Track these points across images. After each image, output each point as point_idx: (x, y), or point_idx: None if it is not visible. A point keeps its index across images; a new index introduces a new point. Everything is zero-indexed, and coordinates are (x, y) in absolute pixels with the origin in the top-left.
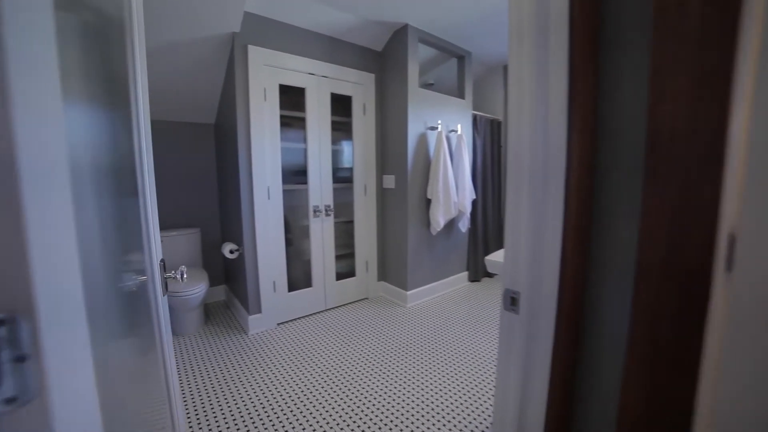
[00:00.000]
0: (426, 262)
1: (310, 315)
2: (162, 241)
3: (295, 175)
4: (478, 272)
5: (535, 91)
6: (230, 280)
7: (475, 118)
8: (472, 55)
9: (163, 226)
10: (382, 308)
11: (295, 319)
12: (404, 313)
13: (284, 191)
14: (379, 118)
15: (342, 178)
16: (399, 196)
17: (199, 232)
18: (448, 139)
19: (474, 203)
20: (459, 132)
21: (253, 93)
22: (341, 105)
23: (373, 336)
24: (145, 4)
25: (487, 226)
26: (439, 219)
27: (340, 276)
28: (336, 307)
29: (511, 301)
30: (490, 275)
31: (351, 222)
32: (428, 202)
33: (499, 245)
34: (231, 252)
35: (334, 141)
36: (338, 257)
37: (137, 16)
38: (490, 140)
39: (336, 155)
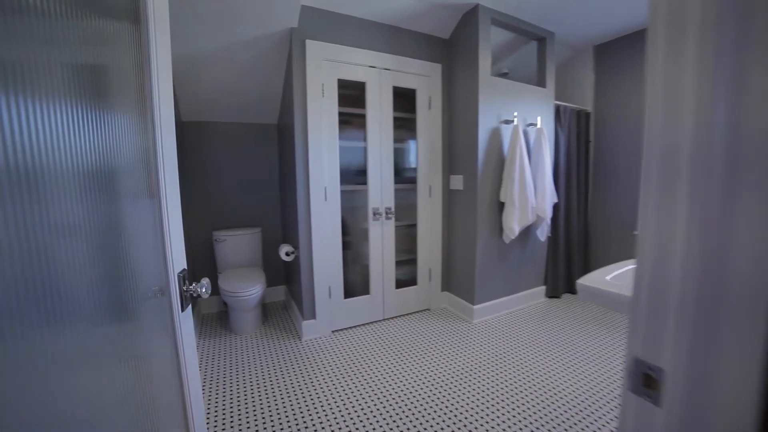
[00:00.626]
0: (497, 273)
1: (367, 324)
2: (225, 240)
3: (354, 176)
4: (557, 287)
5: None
6: (289, 281)
7: (558, 109)
8: (555, 37)
9: (227, 226)
10: (445, 322)
11: (350, 328)
12: (469, 330)
13: (342, 192)
14: (446, 113)
15: (404, 179)
16: (467, 199)
17: (260, 232)
18: (525, 133)
19: (555, 207)
20: (539, 125)
21: (311, 89)
22: (404, 100)
23: (433, 352)
24: (200, 6)
25: (570, 234)
26: (513, 225)
27: (400, 284)
28: (395, 317)
29: (645, 381)
30: (572, 291)
31: (413, 226)
32: (501, 206)
33: (585, 256)
34: (287, 254)
35: (396, 138)
36: (399, 263)
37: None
38: (576, 134)
39: (398, 154)
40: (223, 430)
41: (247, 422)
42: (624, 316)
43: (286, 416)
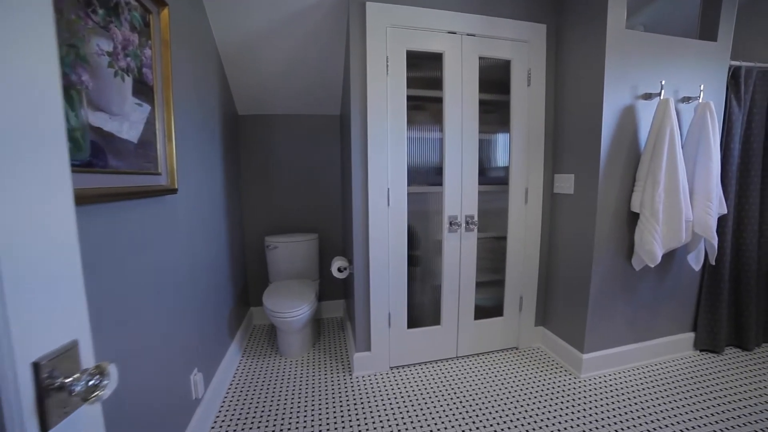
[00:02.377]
0: (620, 311)
1: (434, 362)
2: (276, 248)
3: (427, 175)
4: (717, 338)
5: None
6: (348, 295)
7: (734, 73)
8: None
9: (281, 230)
10: (539, 370)
11: (413, 365)
12: (575, 388)
13: (410, 195)
14: (551, 90)
15: (492, 179)
16: (581, 206)
17: (317, 239)
18: (677, 113)
19: (720, 221)
20: (701, 99)
21: (373, 65)
22: (493, 76)
23: (520, 413)
24: None
25: (742, 262)
26: (654, 248)
27: (480, 313)
28: (471, 355)
29: None
30: (743, 347)
31: (502, 239)
32: (633, 217)
33: (764, 295)
34: (339, 270)
35: (483, 127)
36: (480, 285)
37: None
38: (765, 110)
39: (484, 147)
40: None
41: None
42: None
43: None
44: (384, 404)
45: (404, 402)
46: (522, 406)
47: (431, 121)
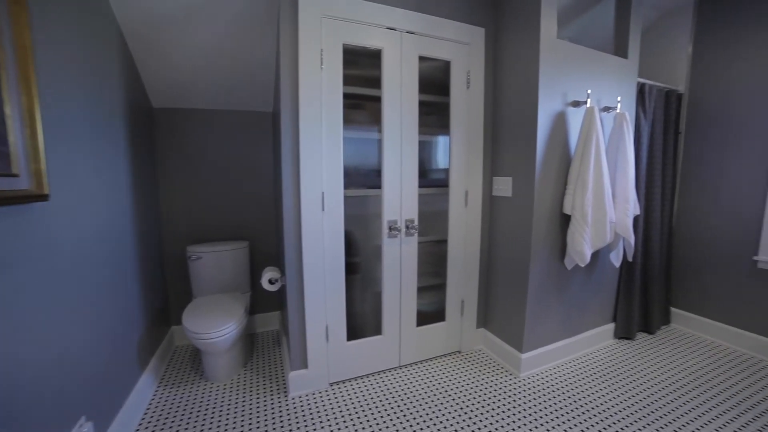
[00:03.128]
0: (554, 309)
1: (377, 374)
2: (200, 258)
3: (366, 177)
4: (631, 326)
5: None
6: (284, 306)
7: (641, 89)
8: None
9: (204, 239)
10: (481, 373)
11: (355, 379)
12: (516, 388)
13: (347, 199)
14: (489, 93)
15: (432, 182)
16: (519, 209)
17: (247, 247)
18: (601, 121)
19: (633, 222)
20: (618, 110)
21: (305, 56)
22: (434, 78)
23: (463, 420)
24: None
25: (649, 256)
26: (584, 249)
27: (422, 319)
28: (415, 363)
29: None
30: (649, 331)
31: (443, 242)
32: (564, 219)
33: (666, 286)
34: (271, 282)
35: (423, 129)
36: (422, 290)
37: None
38: (663, 122)
39: (424, 149)
40: None
41: None
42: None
43: None
44: (323, 425)
45: (345, 421)
46: (465, 412)
47: (370, 121)
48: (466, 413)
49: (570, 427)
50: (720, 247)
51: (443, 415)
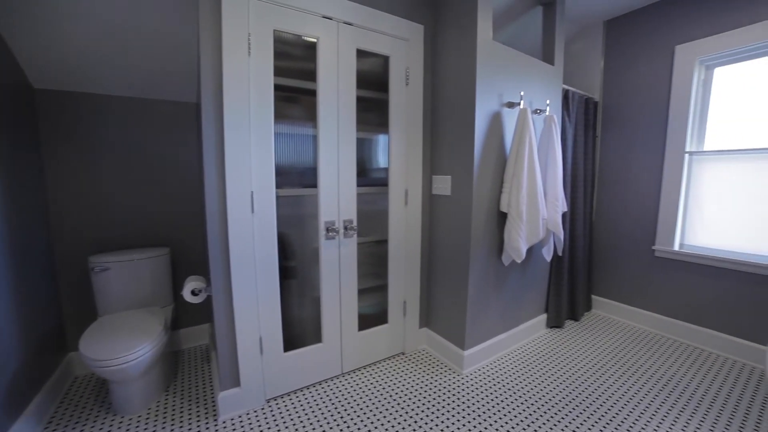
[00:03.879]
0: (493, 305)
1: (318, 384)
2: (107, 269)
3: (301, 176)
4: (560, 315)
5: None
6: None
7: (566, 95)
8: (566, 4)
9: (112, 246)
10: (425, 373)
11: (294, 392)
12: (459, 385)
13: (281, 199)
14: (428, 91)
15: (372, 181)
16: (458, 207)
17: (168, 254)
18: (533, 122)
19: (563, 218)
20: (548, 113)
21: (230, 41)
22: (373, 73)
23: (407, 423)
24: None
25: (574, 250)
26: (520, 245)
27: (364, 322)
28: (358, 369)
29: None
30: (575, 318)
31: (384, 242)
32: (501, 217)
33: (588, 277)
34: (194, 293)
35: (361, 126)
36: (363, 292)
37: None
38: (584, 126)
39: (363, 147)
40: None
41: None
42: (638, 335)
43: None
44: None
45: None
46: (410, 415)
47: (305, 116)
48: (410, 416)
49: (511, 419)
50: (628, 238)
51: (387, 420)
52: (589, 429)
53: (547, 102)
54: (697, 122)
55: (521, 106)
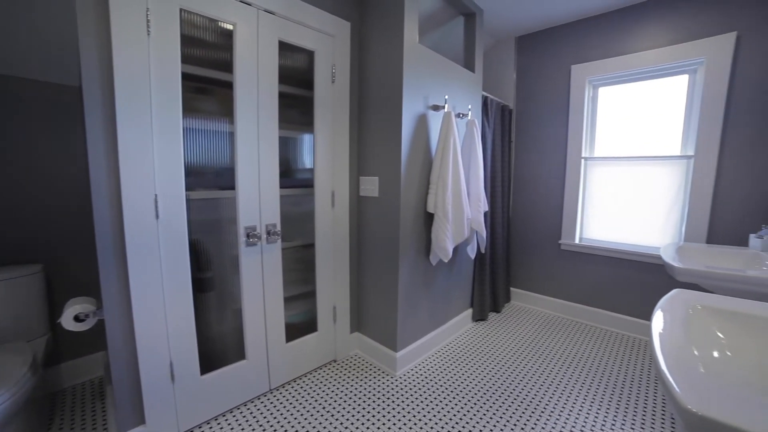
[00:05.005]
0: (423, 305)
1: (243, 405)
2: None
3: (216, 176)
4: (484, 309)
5: None
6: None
7: (485, 102)
8: (484, 16)
9: None
10: (358, 379)
11: (216, 418)
12: (393, 387)
13: (192, 202)
14: (355, 90)
15: (297, 182)
16: (386, 209)
17: (41, 272)
18: (456, 126)
19: (484, 217)
20: (470, 117)
21: (122, 16)
22: (297, 69)
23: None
24: None
25: (495, 246)
26: (446, 245)
27: (292, 332)
28: (287, 383)
29: None
30: (497, 310)
31: (310, 246)
32: (428, 217)
33: (507, 271)
34: (78, 319)
35: (286, 124)
36: (290, 300)
37: None
38: (501, 131)
39: (287, 146)
40: None
41: None
42: (558, 321)
43: None
44: None
45: None
46: (345, 426)
47: (221, 111)
48: (345, 426)
49: (445, 414)
50: (540, 234)
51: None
52: (515, 411)
53: (469, 107)
54: (589, 132)
55: (446, 110)
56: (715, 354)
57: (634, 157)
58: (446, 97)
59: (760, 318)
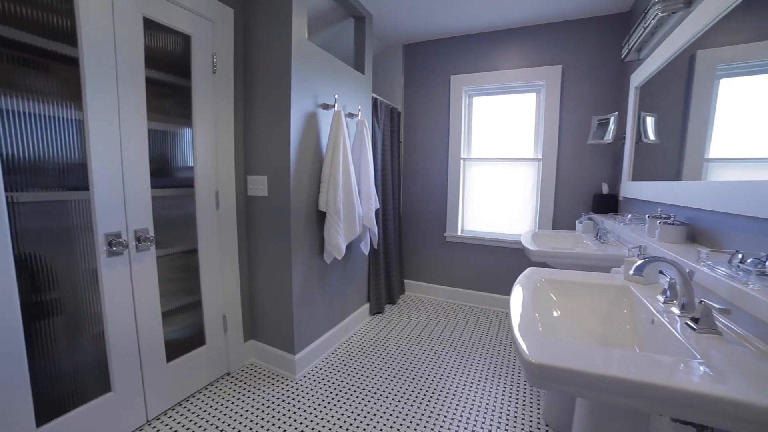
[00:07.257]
0: (319, 303)
1: None
2: None
3: (59, 174)
4: (380, 302)
5: None
6: None
7: (375, 103)
8: (374, 21)
9: None
10: (256, 389)
11: None
12: (293, 392)
13: (18, 206)
14: (241, 82)
15: (174, 181)
16: (276, 208)
17: None
18: (347, 125)
19: (376, 214)
20: (360, 117)
21: None
22: (170, 54)
23: None
24: None
25: (387, 241)
26: (340, 242)
27: (175, 349)
28: (172, 407)
29: None
30: (392, 302)
31: (193, 252)
32: (321, 216)
33: (401, 264)
34: None
35: (158, 115)
36: (169, 315)
37: None
38: (390, 132)
39: (161, 141)
40: None
41: None
42: (447, 309)
43: None
44: None
45: None
46: None
47: (64, 93)
48: None
49: (347, 408)
50: (428, 228)
51: None
52: (417, 395)
53: (359, 107)
54: (466, 135)
55: (336, 109)
56: (554, 314)
57: (502, 158)
58: (336, 96)
59: (576, 283)
